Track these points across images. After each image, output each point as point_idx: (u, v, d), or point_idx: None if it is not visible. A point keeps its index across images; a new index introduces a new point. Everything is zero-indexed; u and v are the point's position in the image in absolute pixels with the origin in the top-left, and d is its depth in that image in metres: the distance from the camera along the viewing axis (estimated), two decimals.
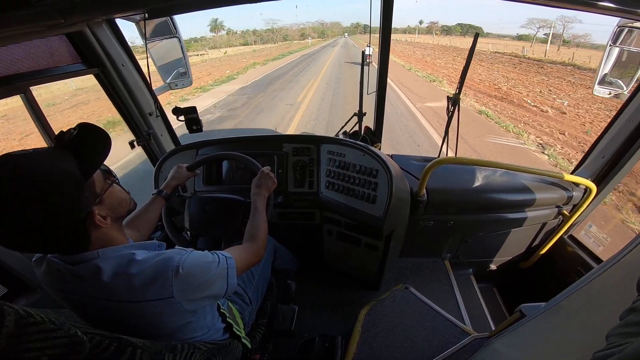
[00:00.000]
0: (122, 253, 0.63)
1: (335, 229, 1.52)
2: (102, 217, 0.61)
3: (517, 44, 37.39)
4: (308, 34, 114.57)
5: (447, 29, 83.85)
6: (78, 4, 0.88)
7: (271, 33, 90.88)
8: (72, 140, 0.59)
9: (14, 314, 0.41)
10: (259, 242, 0.92)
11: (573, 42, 38.44)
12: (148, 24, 1.33)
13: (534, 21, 56.91)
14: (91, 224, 0.60)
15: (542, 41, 40.62)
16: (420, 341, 1.37)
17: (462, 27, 79.97)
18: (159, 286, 0.61)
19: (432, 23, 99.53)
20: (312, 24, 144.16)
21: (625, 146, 1.32)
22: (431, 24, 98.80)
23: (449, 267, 1.85)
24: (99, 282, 0.60)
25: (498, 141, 6.11)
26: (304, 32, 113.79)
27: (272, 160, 1.43)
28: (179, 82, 1.58)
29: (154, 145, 1.61)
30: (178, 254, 0.66)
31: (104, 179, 0.65)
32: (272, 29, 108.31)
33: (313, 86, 11.73)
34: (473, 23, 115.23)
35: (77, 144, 0.59)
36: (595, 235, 1.60)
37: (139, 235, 0.97)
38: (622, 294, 0.57)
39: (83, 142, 0.60)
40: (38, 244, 0.55)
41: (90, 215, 0.59)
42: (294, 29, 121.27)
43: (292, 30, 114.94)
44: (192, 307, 0.67)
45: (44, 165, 0.53)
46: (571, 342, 0.68)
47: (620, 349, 0.32)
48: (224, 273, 0.71)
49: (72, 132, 0.60)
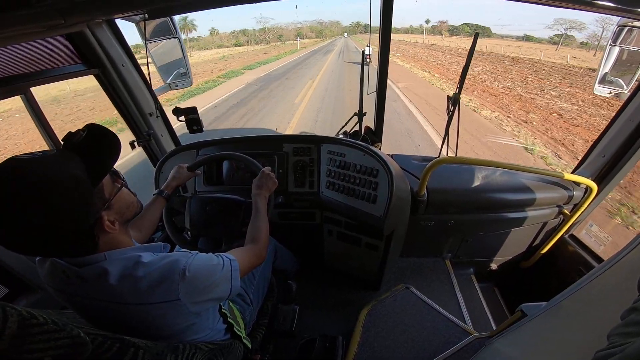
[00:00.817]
0: (128, 255, 0.63)
1: (336, 229, 1.52)
2: (110, 222, 0.61)
3: (526, 45, 34.71)
4: (304, 33, 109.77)
5: (454, 29, 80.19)
6: (78, 4, 0.88)
7: (263, 33, 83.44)
8: (80, 142, 0.58)
9: (17, 315, 0.41)
10: (260, 243, 0.92)
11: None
12: (148, 24, 1.33)
13: (561, 21, 52.25)
14: (99, 230, 0.59)
15: (552, 42, 38.50)
16: (421, 341, 1.37)
17: (470, 27, 76.34)
18: (165, 289, 0.61)
19: (440, 22, 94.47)
20: (309, 23, 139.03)
21: (625, 145, 1.32)
22: (440, 23, 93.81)
23: (450, 266, 1.85)
24: (105, 284, 0.59)
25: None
26: (301, 32, 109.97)
27: (272, 161, 1.43)
28: (179, 82, 1.58)
29: (154, 145, 1.61)
30: (184, 257, 0.66)
31: (113, 182, 0.65)
32: (264, 28, 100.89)
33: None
34: (474, 23, 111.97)
35: (86, 147, 0.58)
36: (596, 234, 1.59)
37: (140, 236, 0.97)
38: (623, 293, 0.57)
39: (92, 145, 0.59)
40: (44, 248, 0.55)
41: (99, 221, 0.59)
42: (291, 29, 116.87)
43: (288, 30, 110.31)
44: (197, 309, 0.67)
45: (52, 169, 0.52)
46: (572, 341, 0.68)
47: (622, 349, 0.32)
48: (228, 275, 0.72)
49: (81, 134, 0.59)
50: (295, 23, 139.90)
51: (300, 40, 75.06)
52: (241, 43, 62.56)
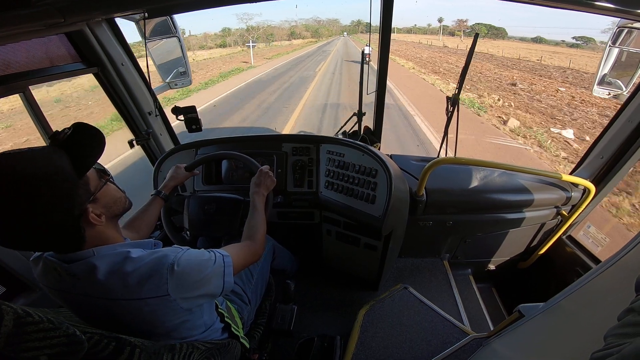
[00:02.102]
0: (117, 251, 0.63)
1: (335, 229, 1.52)
2: (96, 215, 0.61)
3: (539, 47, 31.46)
4: (299, 32, 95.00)
5: (470, 29, 69.79)
6: (78, 3, 0.88)
7: (247, 32, 66.95)
8: (66, 139, 0.60)
9: (13, 313, 0.41)
10: (257, 240, 0.92)
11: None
12: (148, 23, 1.33)
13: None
14: (85, 222, 0.60)
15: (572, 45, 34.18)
16: (419, 341, 1.37)
17: (486, 27, 64.88)
18: (154, 284, 0.61)
19: (459, 21, 77.95)
20: (305, 21, 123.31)
21: (624, 147, 1.32)
22: (459, 22, 77.24)
23: (448, 267, 1.85)
24: (94, 280, 0.60)
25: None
26: (294, 31, 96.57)
27: (271, 160, 1.43)
28: (179, 81, 1.58)
29: (153, 144, 1.61)
30: (173, 252, 0.66)
31: (99, 177, 0.66)
32: (249, 27, 79.48)
33: None
34: (486, 23, 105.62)
35: (71, 143, 0.59)
36: (593, 235, 1.60)
37: (138, 237, 0.97)
38: (620, 294, 0.57)
39: (77, 141, 0.60)
40: (31, 240, 0.56)
41: (84, 213, 0.60)
42: (284, 27, 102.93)
43: (280, 29, 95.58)
44: (188, 306, 0.67)
45: (38, 162, 0.53)
46: (569, 342, 0.68)
47: (618, 350, 0.32)
48: (220, 271, 0.71)
49: (66, 132, 0.60)
50: (289, 20, 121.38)
51: (290, 42, 67.55)
52: (226, 44, 52.35)
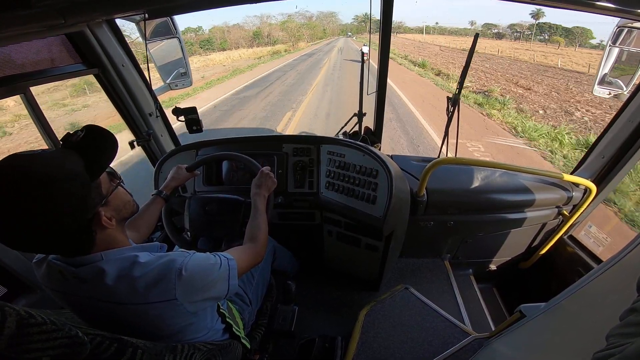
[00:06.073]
0: (125, 255, 0.63)
1: (335, 230, 1.52)
2: (107, 218, 0.61)
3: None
4: (271, 34, 60.15)
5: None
6: (78, 4, 0.88)
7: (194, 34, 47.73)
8: (79, 141, 0.59)
9: (16, 314, 0.41)
10: (259, 242, 0.92)
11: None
12: (148, 24, 1.33)
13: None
14: (97, 225, 0.60)
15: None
16: (420, 341, 1.37)
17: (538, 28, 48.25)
18: (162, 288, 0.62)
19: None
20: (284, 16, 79.32)
21: (625, 146, 1.32)
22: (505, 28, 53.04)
23: (449, 267, 1.84)
24: (102, 284, 0.60)
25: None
26: (259, 32, 60.48)
27: (272, 161, 1.43)
28: (179, 82, 1.58)
29: (153, 145, 1.61)
30: (181, 257, 0.66)
31: (110, 180, 0.66)
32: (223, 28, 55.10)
33: None
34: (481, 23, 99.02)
35: (84, 146, 0.59)
36: (595, 235, 1.60)
37: (138, 236, 0.97)
38: (622, 294, 0.57)
39: (90, 144, 0.60)
40: (43, 244, 0.55)
41: (96, 216, 0.59)
42: (248, 28, 65.56)
43: (245, 29, 61.57)
44: (194, 309, 0.67)
45: (51, 165, 0.53)
46: (571, 342, 0.68)
47: (620, 350, 0.32)
48: (226, 275, 0.72)
49: (79, 134, 0.60)
50: (264, 15, 78.77)
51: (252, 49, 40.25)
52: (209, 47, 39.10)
